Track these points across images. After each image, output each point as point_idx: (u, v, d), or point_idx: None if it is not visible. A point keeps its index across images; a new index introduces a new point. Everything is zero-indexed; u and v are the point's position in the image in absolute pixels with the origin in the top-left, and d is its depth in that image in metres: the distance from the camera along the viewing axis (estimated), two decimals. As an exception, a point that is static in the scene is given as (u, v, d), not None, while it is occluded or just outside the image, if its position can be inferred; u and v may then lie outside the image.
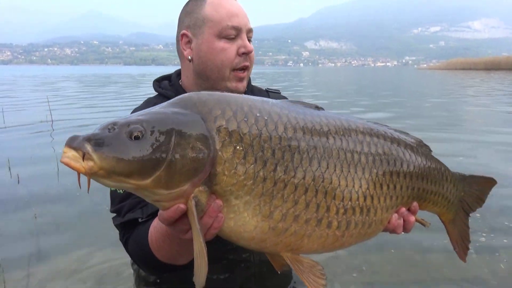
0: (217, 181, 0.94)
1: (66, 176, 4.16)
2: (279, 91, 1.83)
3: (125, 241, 1.43)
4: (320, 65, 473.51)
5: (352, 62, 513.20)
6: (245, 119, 0.97)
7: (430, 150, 1.39)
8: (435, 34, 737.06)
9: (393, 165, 1.21)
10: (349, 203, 1.09)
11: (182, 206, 0.92)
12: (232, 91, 1.42)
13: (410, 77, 45.66)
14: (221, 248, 1.51)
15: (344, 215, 1.08)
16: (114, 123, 0.88)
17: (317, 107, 1.19)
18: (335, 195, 1.06)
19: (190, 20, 1.49)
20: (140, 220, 1.37)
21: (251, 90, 1.71)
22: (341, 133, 1.12)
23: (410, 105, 13.42)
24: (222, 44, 1.44)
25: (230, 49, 1.43)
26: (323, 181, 1.04)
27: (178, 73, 1.65)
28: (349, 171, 1.10)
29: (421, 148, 1.35)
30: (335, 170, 1.07)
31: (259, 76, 44.62)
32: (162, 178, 0.87)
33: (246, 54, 1.45)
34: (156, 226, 1.24)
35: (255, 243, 1.03)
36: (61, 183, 4.14)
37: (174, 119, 0.91)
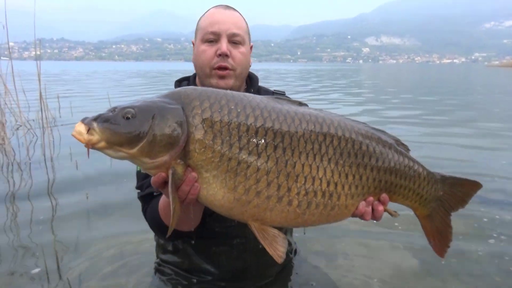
0: (190, 156, 1.19)
1: (118, 163, 4.55)
2: (284, 92, 2.03)
3: (144, 211, 1.74)
4: (380, 61, 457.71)
5: (416, 59, 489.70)
6: (219, 110, 1.22)
7: (408, 149, 1.56)
8: (510, 28, 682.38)
9: (360, 158, 1.39)
10: (311, 186, 1.28)
11: (163, 174, 1.20)
12: (215, 87, 1.63)
13: (479, 75, 42.76)
14: (222, 224, 1.68)
15: (305, 196, 1.28)
16: (115, 107, 1.16)
17: (300, 104, 1.41)
18: (297, 179, 1.26)
19: (195, 30, 1.81)
20: (154, 194, 1.66)
21: (258, 90, 1.93)
22: (312, 126, 1.32)
23: (481, 106, 12.60)
24: (203, 47, 1.72)
25: (209, 51, 1.71)
26: (286, 166, 1.24)
27: (195, 74, 1.91)
28: (314, 160, 1.29)
29: (396, 146, 1.50)
30: (299, 158, 1.27)
31: (311, 73, 44.08)
32: (145, 148, 1.15)
33: (221, 55, 1.68)
34: (163, 197, 1.52)
35: (225, 210, 1.26)
36: (113, 169, 4.57)
37: (158, 106, 1.19)
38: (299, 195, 1.27)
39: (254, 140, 1.22)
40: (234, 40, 1.70)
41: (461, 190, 1.61)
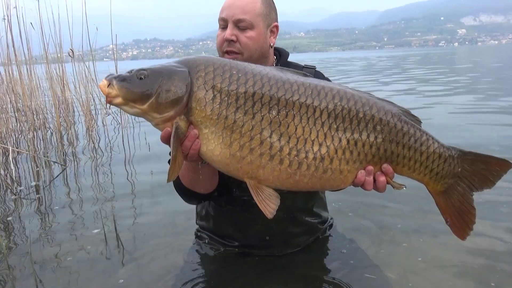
0: (192, 113, 1.33)
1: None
2: (314, 67, 2.06)
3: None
4: (479, 43, 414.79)
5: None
6: (221, 74, 1.34)
7: (419, 121, 1.51)
8: None
9: (356, 123, 1.40)
10: (303, 148, 1.35)
11: (169, 129, 1.34)
12: None
13: None
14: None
15: (296, 157, 1.35)
16: (133, 70, 1.35)
17: (305, 75, 1.48)
18: (289, 139, 1.34)
19: None
20: None
21: (286, 64, 1.98)
22: (309, 91, 1.38)
23: None
24: (218, 32, 1.82)
25: (220, 36, 1.80)
26: (279, 126, 1.33)
27: None
28: (307, 122, 1.35)
29: (401, 115, 1.47)
30: (293, 120, 1.34)
31: (405, 59, 41.55)
32: (154, 104, 1.31)
33: (227, 41, 1.75)
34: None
35: (223, 166, 1.38)
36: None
37: (168, 69, 1.34)
38: (290, 155, 1.34)
39: (251, 101, 1.33)
40: (240, 26, 1.75)
41: (484, 168, 1.50)
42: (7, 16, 5.85)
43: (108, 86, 1.29)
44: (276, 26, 1.89)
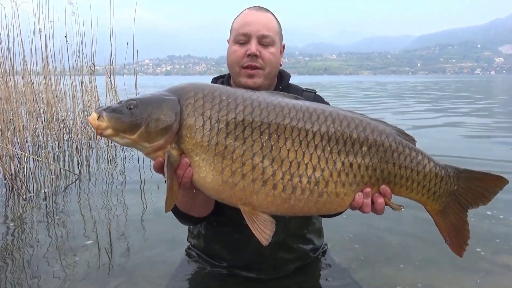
0: (182, 141, 1.32)
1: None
2: (315, 90, 2.04)
3: None
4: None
5: None
6: (211, 100, 1.34)
7: (413, 140, 1.49)
8: None
9: (350, 145, 1.37)
10: (296, 172, 1.32)
11: (161, 159, 1.33)
12: (244, 86, 1.74)
13: None
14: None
15: (290, 181, 1.32)
16: (122, 100, 1.36)
17: (296, 98, 1.47)
18: (282, 163, 1.31)
19: (230, 30, 1.89)
20: None
21: (287, 86, 1.98)
22: (301, 114, 1.36)
23: None
24: (235, 47, 1.78)
25: (239, 51, 1.76)
26: (271, 151, 1.31)
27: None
28: (300, 146, 1.33)
29: (396, 135, 1.45)
30: (285, 144, 1.32)
31: (421, 85, 40.92)
32: (143, 134, 1.30)
33: (250, 55, 1.73)
34: None
35: (215, 193, 1.36)
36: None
37: (157, 98, 1.35)
38: (284, 179, 1.32)
39: (241, 126, 1.32)
40: (263, 42, 1.75)
41: (479, 185, 1.49)
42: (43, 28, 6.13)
43: (98, 118, 1.29)
44: (284, 47, 1.93)
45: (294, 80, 1.98)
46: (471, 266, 2.47)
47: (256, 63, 1.75)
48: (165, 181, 1.37)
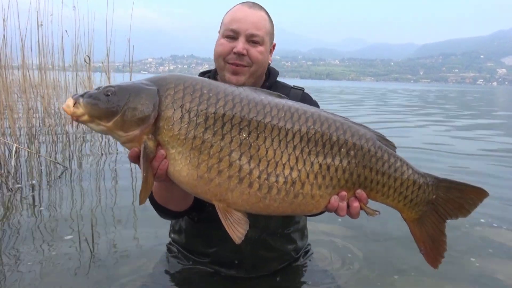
0: (159, 132, 1.28)
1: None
2: (303, 88, 2.04)
3: None
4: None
5: None
6: (191, 93, 1.31)
7: (393, 147, 1.48)
8: None
9: (329, 148, 1.36)
10: (274, 171, 1.30)
11: (137, 149, 1.30)
12: (228, 82, 1.71)
13: None
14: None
15: (266, 180, 1.30)
16: (100, 86, 1.33)
17: (280, 96, 1.45)
18: (259, 162, 1.29)
19: (220, 23, 1.87)
20: None
21: (274, 83, 1.97)
22: (282, 114, 1.34)
23: None
24: (222, 40, 1.76)
25: (226, 45, 1.75)
26: (249, 148, 1.28)
27: None
28: (279, 145, 1.31)
29: (375, 141, 1.44)
30: (264, 142, 1.30)
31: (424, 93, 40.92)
32: (119, 122, 1.27)
33: (237, 53, 1.71)
34: None
35: (190, 188, 1.33)
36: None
37: (136, 86, 1.31)
38: (260, 178, 1.30)
39: (220, 121, 1.29)
40: (252, 40, 1.74)
41: (459, 196, 1.46)
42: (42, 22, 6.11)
43: (74, 105, 1.26)
44: (274, 46, 1.91)
45: (300, 83, 1.95)
46: (459, 274, 2.45)
47: (243, 62, 1.73)
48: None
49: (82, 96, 1.28)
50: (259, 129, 1.30)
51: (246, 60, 1.73)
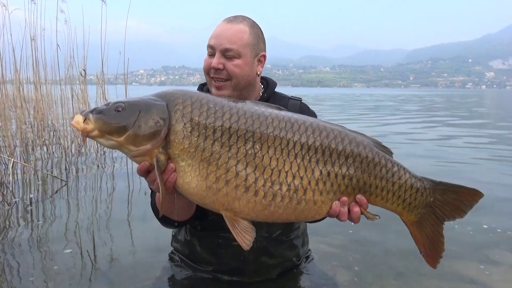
0: (170, 146, 1.34)
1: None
2: (300, 98, 2.08)
3: (151, 203, 1.95)
4: (508, 87, 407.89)
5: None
6: (199, 107, 1.37)
7: (390, 152, 1.55)
8: None
9: (328, 155, 1.43)
10: (277, 179, 1.37)
11: (147, 162, 1.35)
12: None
13: None
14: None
15: (271, 188, 1.36)
16: (110, 102, 1.37)
17: (279, 108, 1.52)
18: (264, 170, 1.36)
19: None
20: None
21: (273, 94, 2.01)
22: (283, 124, 1.42)
23: None
24: (206, 57, 1.84)
25: (208, 61, 1.81)
26: (254, 158, 1.35)
27: None
28: (281, 154, 1.38)
29: (373, 147, 1.51)
30: (268, 152, 1.37)
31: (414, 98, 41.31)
32: (130, 137, 1.31)
33: (213, 68, 1.76)
34: None
35: (199, 198, 1.38)
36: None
37: (146, 102, 1.37)
38: (265, 186, 1.36)
39: (227, 134, 1.36)
40: (227, 55, 1.77)
41: (455, 198, 1.53)
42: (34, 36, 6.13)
43: (84, 121, 1.29)
44: (264, 56, 1.90)
45: (292, 91, 1.99)
46: (453, 274, 2.49)
47: (220, 75, 1.77)
48: (149, 186, 1.38)
49: (91, 112, 1.31)
50: (262, 140, 1.37)
51: (224, 74, 1.77)
